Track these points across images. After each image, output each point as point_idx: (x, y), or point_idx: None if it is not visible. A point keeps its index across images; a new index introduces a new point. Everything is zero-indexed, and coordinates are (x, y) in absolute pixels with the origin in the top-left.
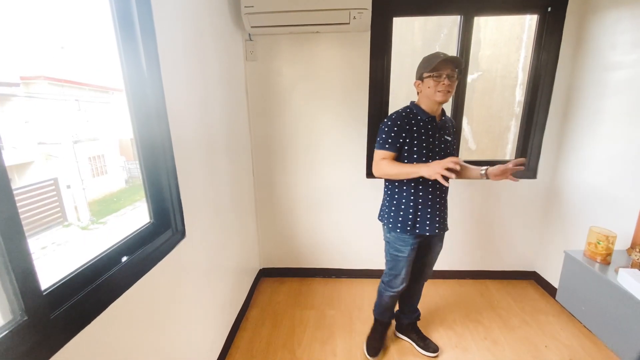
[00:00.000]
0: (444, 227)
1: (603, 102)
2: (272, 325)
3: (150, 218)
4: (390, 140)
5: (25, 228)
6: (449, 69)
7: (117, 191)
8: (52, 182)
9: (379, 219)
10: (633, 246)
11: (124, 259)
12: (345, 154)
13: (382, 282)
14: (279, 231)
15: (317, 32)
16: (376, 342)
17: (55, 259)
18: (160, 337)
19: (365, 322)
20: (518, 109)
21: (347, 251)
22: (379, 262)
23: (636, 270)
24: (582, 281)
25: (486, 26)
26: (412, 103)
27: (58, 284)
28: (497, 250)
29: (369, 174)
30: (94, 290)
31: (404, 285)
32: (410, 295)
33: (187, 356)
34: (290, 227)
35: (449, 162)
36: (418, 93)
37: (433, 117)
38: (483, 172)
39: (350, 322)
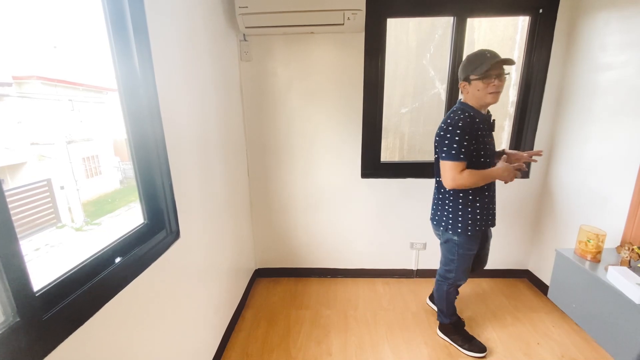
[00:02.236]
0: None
1: (593, 103)
2: (268, 325)
3: (144, 219)
4: (463, 150)
5: (18, 229)
6: (499, 69)
7: (111, 192)
8: (45, 183)
9: (435, 223)
10: (622, 244)
11: (118, 259)
12: (340, 154)
13: (447, 282)
14: (274, 231)
15: (312, 32)
16: (471, 340)
17: (49, 261)
18: (155, 338)
19: (361, 321)
20: (511, 109)
21: (342, 251)
22: (373, 261)
23: (625, 268)
24: (572, 279)
25: (480, 27)
26: (464, 104)
27: (50, 286)
28: (490, 249)
29: (364, 174)
30: (87, 291)
31: (466, 278)
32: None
33: (182, 357)
34: (286, 228)
35: (518, 165)
36: (463, 93)
37: (487, 117)
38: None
39: (345, 322)
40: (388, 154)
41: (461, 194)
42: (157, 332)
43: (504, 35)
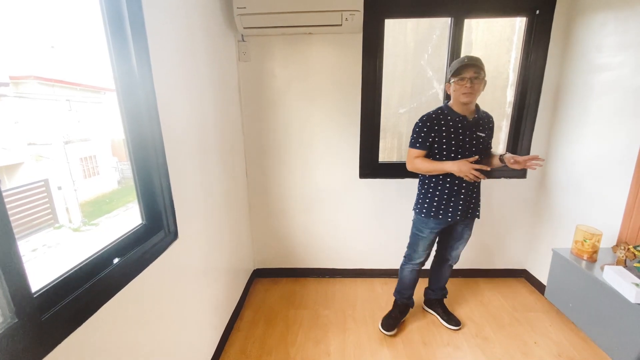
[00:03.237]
0: (467, 215)
1: (589, 103)
2: (266, 325)
3: (142, 219)
4: (420, 140)
5: (15, 230)
6: (471, 72)
7: (109, 192)
8: (42, 183)
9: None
10: (618, 244)
11: (116, 260)
12: (339, 154)
13: (404, 257)
14: (272, 232)
15: (310, 33)
16: (391, 319)
17: (47, 261)
18: (153, 338)
19: (359, 320)
20: (509, 110)
21: (340, 251)
22: (372, 261)
23: (621, 267)
24: (569, 278)
25: (477, 28)
26: (445, 104)
27: (49, 286)
28: (488, 249)
29: (362, 174)
30: (86, 292)
31: (421, 260)
32: (437, 276)
33: (181, 357)
34: (284, 228)
35: (480, 166)
36: (449, 95)
37: (463, 117)
38: (500, 156)
39: (344, 322)
40: (386, 154)
41: (426, 180)
42: (155, 333)
43: (501, 36)
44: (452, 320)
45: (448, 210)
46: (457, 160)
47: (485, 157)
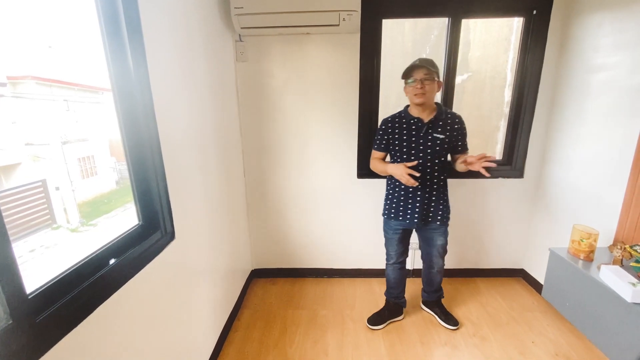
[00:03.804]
0: (428, 219)
1: (586, 103)
2: (264, 325)
3: (139, 220)
4: (377, 142)
5: (12, 231)
6: (422, 73)
7: (107, 192)
8: (40, 183)
9: None
10: (615, 243)
11: (112, 261)
12: (337, 154)
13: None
14: (270, 232)
15: (308, 33)
16: (378, 316)
17: (44, 262)
18: (151, 339)
19: (357, 320)
20: (507, 109)
21: (338, 251)
22: (370, 261)
23: (617, 266)
24: (566, 278)
25: (475, 28)
26: (405, 107)
27: (44, 288)
28: (486, 248)
29: (360, 175)
30: (81, 293)
31: (395, 261)
32: (426, 280)
33: (179, 358)
34: (282, 228)
35: (408, 170)
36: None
37: (418, 119)
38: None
39: (342, 321)
40: None
41: (389, 182)
42: (153, 333)
43: (499, 36)
44: (450, 320)
45: (406, 213)
46: (398, 163)
47: (454, 157)
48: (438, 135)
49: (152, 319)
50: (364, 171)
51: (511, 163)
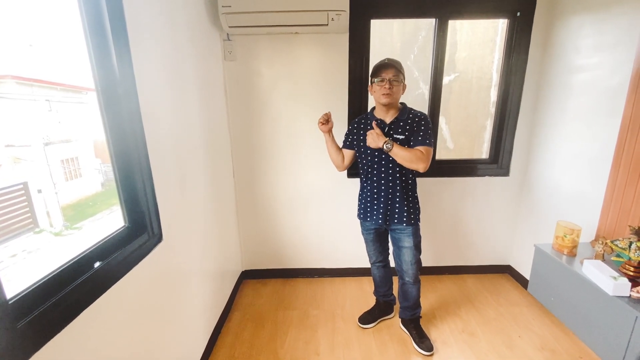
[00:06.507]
0: (394, 220)
1: (568, 103)
2: (255, 327)
3: (125, 222)
4: (344, 140)
5: None
6: (391, 73)
7: (92, 195)
8: (21, 186)
9: None
10: (597, 238)
11: (97, 264)
12: (326, 154)
13: None
14: (260, 232)
15: (296, 32)
16: (369, 315)
17: (26, 267)
18: (139, 342)
19: (348, 320)
20: (493, 109)
21: (329, 250)
22: (360, 260)
23: (599, 261)
24: (550, 273)
25: (462, 29)
26: (371, 108)
27: (24, 293)
28: (473, 245)
29: (350, 174)
30: (65, 297)
31: (376, 260)
32: (401, 292)
33: None
34: (272, 228)
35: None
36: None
37: (381, 120)
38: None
39: (333, 321)
40: None
41: (359, 183)
42: (141, 337)
43: (484, 37)
44: (424, 343)
45: (372, 213)
46: (375, 162)
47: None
48: (398, 137)
49: (140, 323)
50: (354, 170)
51: (497, 162)
